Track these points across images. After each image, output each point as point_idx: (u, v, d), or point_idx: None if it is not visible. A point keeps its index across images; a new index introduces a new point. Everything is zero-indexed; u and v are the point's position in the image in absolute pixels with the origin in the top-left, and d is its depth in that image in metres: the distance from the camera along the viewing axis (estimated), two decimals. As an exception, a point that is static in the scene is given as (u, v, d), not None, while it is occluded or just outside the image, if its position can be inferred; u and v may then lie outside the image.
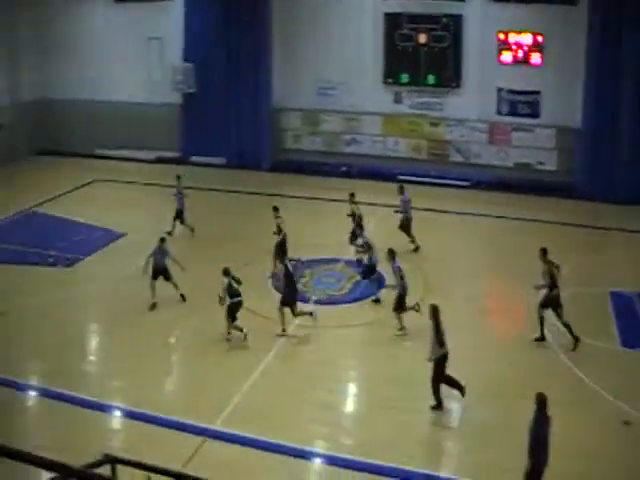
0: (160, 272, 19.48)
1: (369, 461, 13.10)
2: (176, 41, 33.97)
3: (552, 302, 17.18)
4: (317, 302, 19.59)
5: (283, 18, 32.76)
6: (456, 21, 30.08)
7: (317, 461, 13.49)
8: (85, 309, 19.87)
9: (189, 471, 11.62)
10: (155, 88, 34.32)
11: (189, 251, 23.53)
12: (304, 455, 13.44)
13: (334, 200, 27.76)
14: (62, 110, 36.69)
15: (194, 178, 29.93)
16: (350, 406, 15.53)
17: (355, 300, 19.80)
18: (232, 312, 17.60)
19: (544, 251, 17.42)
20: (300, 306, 18.42)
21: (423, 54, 30.76)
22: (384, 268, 19.58)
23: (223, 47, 33.57)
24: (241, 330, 17.52)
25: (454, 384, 14.77)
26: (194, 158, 34.42)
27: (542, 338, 17.39)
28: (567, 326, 17.12)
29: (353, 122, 32.48)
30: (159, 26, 34.14)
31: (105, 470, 7.20)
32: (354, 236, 22.44)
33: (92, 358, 17.98)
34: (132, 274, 20.14)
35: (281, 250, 21.12)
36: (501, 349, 17.36)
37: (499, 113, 30.30)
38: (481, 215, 26.69)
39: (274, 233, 21.85)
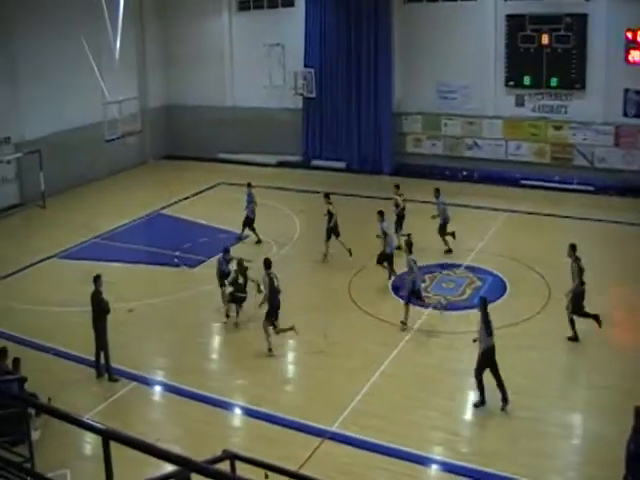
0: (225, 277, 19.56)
1: (485, 470, 12.93)
2: (297, 47, 34.48)
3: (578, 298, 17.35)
4: (436, 307, 19.46)
5: (403, 22, 32.79)
6: (580, 20, 29.24)
7: (434, 467, 13.40)
8: (207, 309, 20.38)
9: (306, 471, 11.84)
10: (277, 93, 34.96)
11: (305, 253, 23.90)
12: (421, 461, 13.38)
13: (455, 205, 27.51)
14: (188, 116, 37.97)
15: (315, 182, 30.38)
16: (469, 414, 15.31)
17: (475, 306, 19.46)
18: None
19: (572, 247, 17.71)
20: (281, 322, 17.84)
21: (546, 56, 30.07)
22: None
23: (343, 52, 33.86)
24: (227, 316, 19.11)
25: (482, 388, 14.94)
26: (315, 162, 34.84)
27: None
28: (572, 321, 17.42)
29: (474, 126, 32.11)
30: (280, 32, 34.71)
31: (225, 466, 7.40)
32: (399, 226, 23.61)
33: (215, 356, 18.46)
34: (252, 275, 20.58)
35: (331, 234, 22.83)
36: (622, 359, 16.77)
37: (625, 115, 29.23)
38: (606, 221, 25.85)
39: (328, 221, 23.01)
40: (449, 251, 23.26)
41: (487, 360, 14.88)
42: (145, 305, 20.35)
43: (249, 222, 24.80)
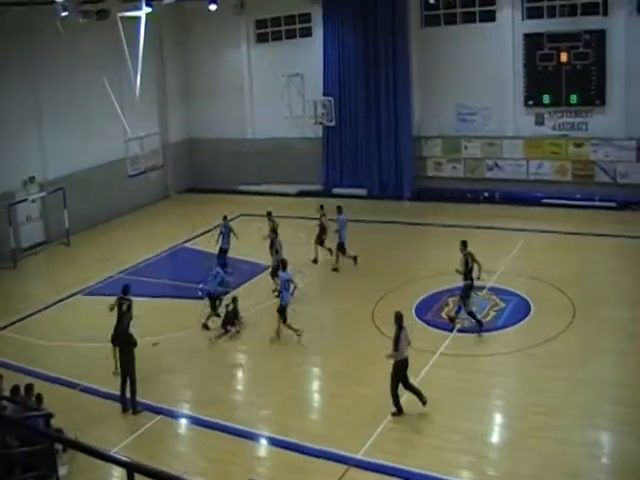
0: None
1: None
2: (316, 76, 34.76)
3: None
4: (461, 330, 19.36)
5: (421, 46, 33.03)
6: (598, 37, 29.24)
7: (462, 492, 13.29)
8: (231, 339, 20.43)
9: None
10: (297, 123, 35.13)
11: (329, 281, 23.97)
12: (448, 485, 13.28)
13: (477, 227, 27.56)
14: (208, 149, 38.40)
15: (335, 210, 30.41)
16: (496, 436, 15.17)
17: (499, 328, 19.41)
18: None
19: (464, 243, 19.43)
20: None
21: (565, 73, 30.08)
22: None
23: (362, 79, 34.07)
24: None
25: (416, 391, 15.56)
26: (336, 190, 34.93)
27: None
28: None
29: (494, 147, 32.11)
30: (299, 62, 35.02)
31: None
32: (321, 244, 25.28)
33: (239, 387, 18.45)
34: (273, 307, 20.67)
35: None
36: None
37: (647, 130, 29.11)
38: (629, 237, 25.63)
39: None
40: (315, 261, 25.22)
41: (399, 373, 15.38)
42: (170, 338, 20.44)
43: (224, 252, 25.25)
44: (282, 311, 19.75)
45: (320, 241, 25.56)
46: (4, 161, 28.53)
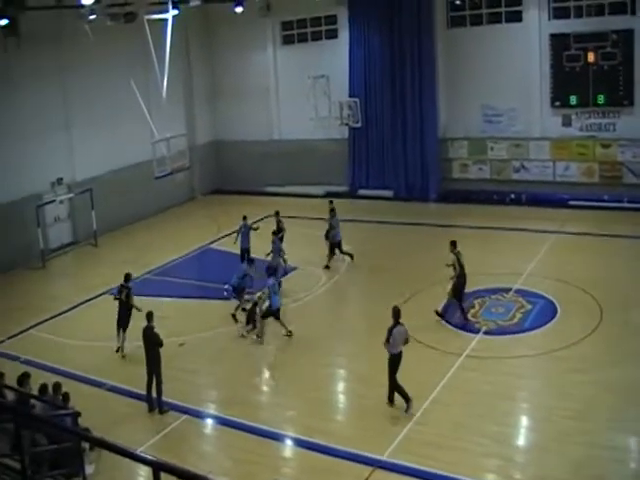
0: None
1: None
2: (341, 77, 34.76)
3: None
4: (487, 332, 19.29)
5: (447, 47, 32.94)
6: (626, 36, 29.00)
7: (488, 495, 13.22)
8: (255, 342, 20.54)
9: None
10: (323, 124, 35.11)
11: (354, 282, 24.01)
12: (474, 488, 13.21)
13: (503, 229, 27.48)
14: (234, 151, 38.57)
15: (362, 211, 30.51)
16: (522, 440, 15.09)
17: (525, 330, 19.30)
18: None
19: (453, 243, 20.08)
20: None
21: (592, 73, 29.85)
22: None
23: (388, 80, 34.04)
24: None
25: (402, 391, 15.82)
26: (362, 191, 34.93)
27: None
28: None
29: (521, 148, 31.94)
30: (324, 64, 34.99)
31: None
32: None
33: (265, 388, 18.49)
34: (300, 306, 20.72)
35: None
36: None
37: (676, 130, 28.80)
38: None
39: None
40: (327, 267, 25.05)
41: (393, 366, 15.87)
42: (196, 339, 20.55)
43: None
44: (269, 315, 20.00)
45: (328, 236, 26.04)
46: (33, 163, 28.84)
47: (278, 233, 25.01)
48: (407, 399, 15.83)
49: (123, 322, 19.66)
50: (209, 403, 17.42)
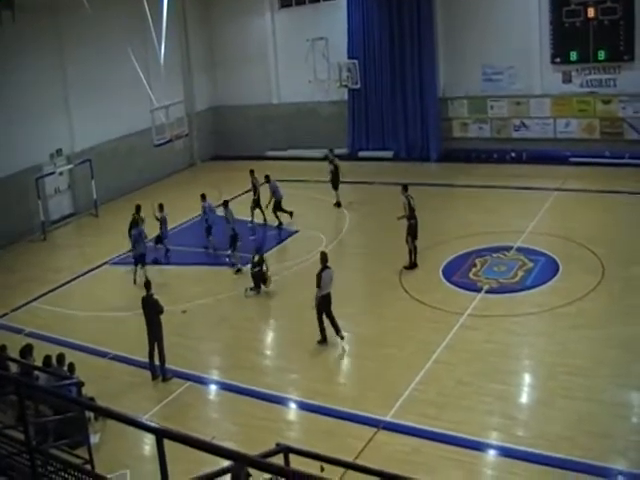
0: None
1: (545, 453, 12.70)
2: (340, 39, 34.46)
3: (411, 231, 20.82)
4: (489, 291, 19.26)
5: (445, 7, 32.63)
6: (627, -10, 28.54)
7: (491, 453, 13.22)
8: (258, 305, 20.58)
9: (362, 462, 11.85)
10: (321, 87, 34.90)
11: (356, 245, 24.03)
12: (478, 447, 13.22)
13: (504, 187, 27.38)
14: (234, 116, 38.40)
15: (362, 173, 30.43)
16: (525, 397, 15.10)
17: (527, 288, 19.27)
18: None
19: (404, 187, 21.30)
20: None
21: (592, 29, 29.41)
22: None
23: (387, 41, 33.77)
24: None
25: (336, 325, 17.34)
26: (362, 153, 34.77)
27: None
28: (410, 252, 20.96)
29: (521, 106, 31.66)
30: (323, 26, 34.70)
31: (279, 459, 7.47)
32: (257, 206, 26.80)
33: (268, 352, 18.54)
34: (301, 270, 20.73)
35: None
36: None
37: (679, 84, 28.49)
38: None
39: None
40: (280, 224, 26.14)
41: (323, 306, 17.14)
42: (198, 305, 20.60)
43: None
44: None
45: (335, 186, 27.56)
46: (31, 135, 28.70)
47: (254, 194, 26.86)
48: (324, 338, 17.47)
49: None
50: (212, 369, 17.52)
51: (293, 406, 15.55)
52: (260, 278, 20.94)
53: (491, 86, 32.27)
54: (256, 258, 21.02)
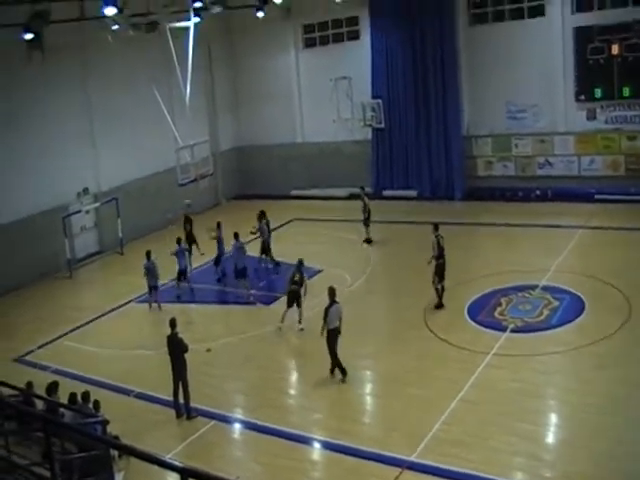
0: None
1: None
2: (364, 79, 34.77)
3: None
4: (514, 330, 19.14)
5: (469, 44, 32.81)
6: (650, 26, 28.60)
7: (517, 493, 13.10)
8: (282, 344, 20.56)
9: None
10: (345, 126, 35.23)
11: (380, 283, 23.94)
12: (503, 487, 13.10)
13: (529, 225, 27.32)
14: (258, 155, 38.74)
15: (387, 212, 30.47)
16: (551, 437, 14.92)
17: (553, 327, 19.11)
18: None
19: (435, 226, 21.25)
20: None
21: (617, 66, 29.50)
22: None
23: (410, 80, 33.98)
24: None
25: (340, 365, 17.54)
26: (386, 192, 34.84)
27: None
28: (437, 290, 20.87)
29: (545, 144, 31.68)
30: (346, 66, 35.08)
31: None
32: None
33: (292, 391, 18.49)
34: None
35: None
36: None
37: (702, 119, 28.43)
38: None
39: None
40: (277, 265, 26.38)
41: (331, 340, 17.41)
42: (223, 344, 20.61)
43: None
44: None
45: (366, 222, 27.67)
46: (59, 174, 29.12)
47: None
48: (344, 372, 17.52)
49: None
50: (237, 408, 17.48)
51: (317, 446, 15.45)
52: (295, 297, 20.82)
53: (515, 124, 32.34)
54: (297, 277, 20.89)
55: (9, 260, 27.22)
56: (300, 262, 21.19)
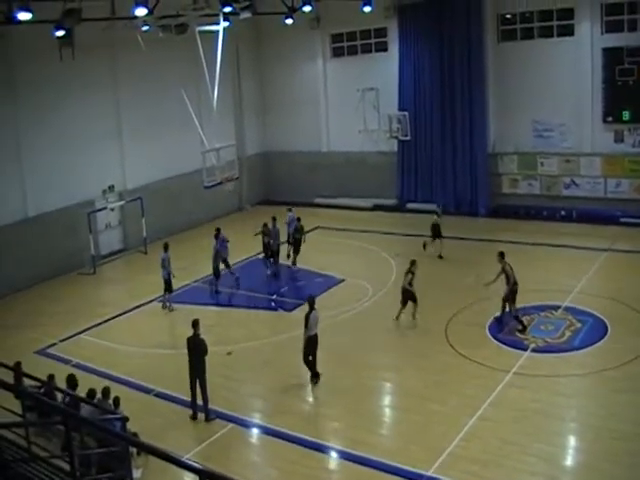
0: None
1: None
2: (391, 90, 34.88)
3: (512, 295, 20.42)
4: (535, 350, 19.09)
5: (497, 61, 32.77)
6: (680, 47, 28.51)
7: (535, 514, 13.06)
8: (301, 352, 20.54)
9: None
10: (371, 137, 35.33)
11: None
12: (521, 507, 13.07)
13: (553, 245, 27.26)
14: (284, 162, 38.86)
15: (410, 225, 30.46)
16: (570, 460, 14.86)
17: (575, 349, 19.04)
18: None
19: (501, 254, 20.85)
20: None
21: (646, 88, 29.35)
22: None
23: (437, 94, 34.01)
24: None
25: (313, 369, 18.17)
26: (410, 205, 34.84)
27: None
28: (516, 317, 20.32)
29: (571, 164, 31.59)
30: (374, 77, 35.27)
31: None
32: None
33: (311, 399, 18.48)
34: (347, 319, 20.73)
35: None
36: None
37: None
38: None
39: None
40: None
41: (309, 347, 17.91)
42: (243, 348, 20.69)
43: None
44: None
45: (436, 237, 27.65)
46: (86, 170, 29.46)
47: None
48: (316, 375, 18.21)
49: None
50: (255, 412, 17.50)
51: (334, 454, 15.46)
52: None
53: (542, 142, 32.29)
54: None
55: (34, 253, 27.50)
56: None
